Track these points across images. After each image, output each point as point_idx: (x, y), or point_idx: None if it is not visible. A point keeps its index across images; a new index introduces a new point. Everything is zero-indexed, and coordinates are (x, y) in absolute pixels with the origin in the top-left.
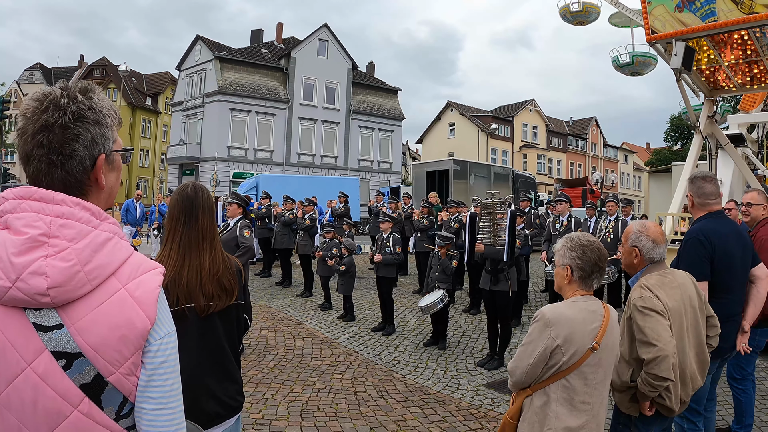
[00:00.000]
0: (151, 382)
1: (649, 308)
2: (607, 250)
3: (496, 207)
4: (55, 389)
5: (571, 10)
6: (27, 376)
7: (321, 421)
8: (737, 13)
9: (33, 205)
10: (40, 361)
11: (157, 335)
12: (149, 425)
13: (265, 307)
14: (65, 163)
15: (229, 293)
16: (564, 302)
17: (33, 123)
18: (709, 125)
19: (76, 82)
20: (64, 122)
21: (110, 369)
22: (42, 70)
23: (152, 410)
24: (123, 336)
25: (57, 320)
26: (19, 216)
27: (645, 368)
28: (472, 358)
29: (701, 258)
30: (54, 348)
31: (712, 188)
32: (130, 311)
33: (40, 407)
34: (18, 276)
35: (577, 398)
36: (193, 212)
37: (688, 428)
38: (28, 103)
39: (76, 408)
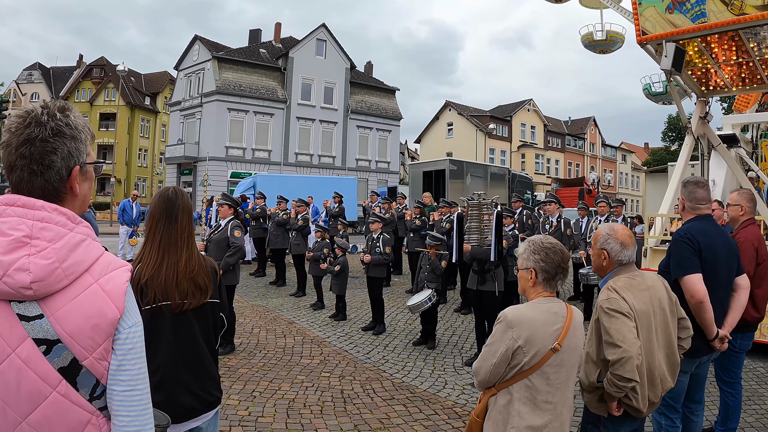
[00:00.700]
0: (121, 367)
1: (614, 310)
2: None
3: (483, 207)
4: (36, 372)
5: (595, 38)
6: (11, 360)
7: (306, 419)
8: (727, 14)
9: (17, 211)
10: (23, 348)
11: (126, 324)
12: (120, 405)
13: (258, 307)
14: (44, 173)
15: (203, 292)
16: (526, 304)
17: (17, 137)
18: (701, 126)
19: (55, 101)
20: (44, 137)
21: (85, 354)
22: (41, 70)
23: (122, 391)
24: (96, 325)
25: (38, 311)
26: (4, 220)
27: (610, 369)
28: (461, 357)
29: (690, 253)
30: (35, 335)
31: (704, 193)
32: (101, 303)
33: (23, 389)
34: (5, 272)
35: (540, 398)
36: (173, 213)
37: (665, 425)
38: (12, 120)
39: (54, 389)
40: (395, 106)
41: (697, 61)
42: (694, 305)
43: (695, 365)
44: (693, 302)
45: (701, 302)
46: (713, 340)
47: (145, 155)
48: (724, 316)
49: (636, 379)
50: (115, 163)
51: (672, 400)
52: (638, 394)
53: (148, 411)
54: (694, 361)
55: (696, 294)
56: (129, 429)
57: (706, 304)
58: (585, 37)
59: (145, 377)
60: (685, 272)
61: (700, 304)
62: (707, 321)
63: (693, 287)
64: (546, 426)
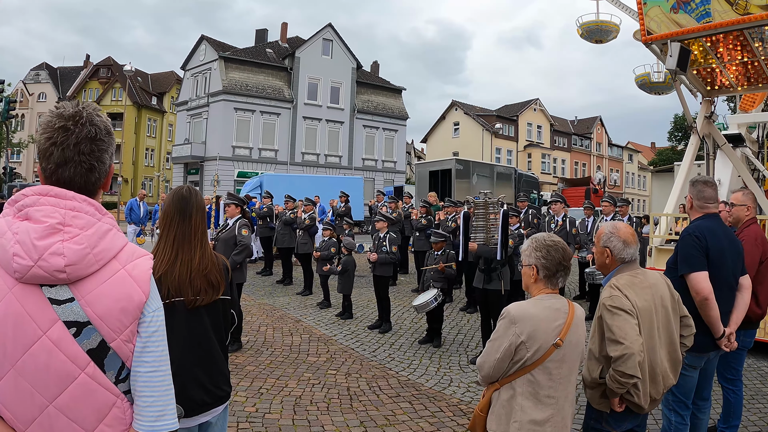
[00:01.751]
0: (145, 348)
1: (617, 307)
2: None
3: (489, 206)
4: (66, 353)
5: (652, 80)
6: (42, 342)
7: (313, 415)
8: (732, 14)
9: (50, 200)
10: (54, 330)
11: (150, 308)
12: (144, 386)
13: (265, 305)
14: (99, 169)
15: (215, 288)
16: (529, 300)
17: (75, 134)
18: (707, 125)
19: (88, 102)
20: (101, 136)
21: (113, 335)
22: (48, 70)
23: (147, 372)
24: (123, 308)
25: (69, 295)
26: (39, 208)
27: (612, 365)
28: (466, 355)
29: (696, 251)
30: (66, 318)
31: (712, 193)
32: (129, 287)
33: (53, 370)
34: (40, 256)
35: (542, 392)
36: (187, 211)
37: (675, 421)
38: (57, 117)
39: (83, 370)
40: (401, 105)
41: (702, 61)
42: (700, 302)
43: (704, 361)
44: (698, 299)
45: (706, 299)
46: (720, 338)
47: (152, 155)
48: (729, 314)
49: (638, 376)
50: (122, 162)
51: (683, 396)
52: (640, 390)
53: (170, 392)
54: (703, 356)
55: (701, 291)
56: (153, 409)
57: (711, 301)
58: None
59: (167, 359)
60: (692, 269)
61: (705, 301)
62: (713, 318)
63: (698, 284)
64: (548, 420)
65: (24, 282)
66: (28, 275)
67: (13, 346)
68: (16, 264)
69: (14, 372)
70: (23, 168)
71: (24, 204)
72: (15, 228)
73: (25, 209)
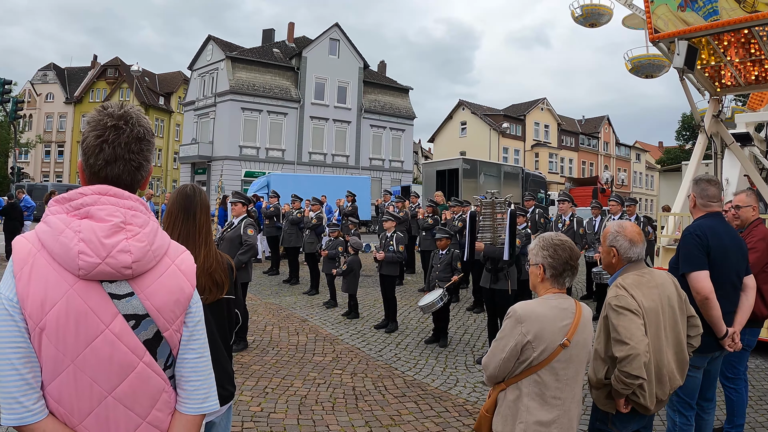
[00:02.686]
0: (192, 336)
1: (623, 307)
2: None
3: (496, 206)
4: (127, 345)
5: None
6: (105, 336)
7: (318, 415)
8: (740, 11)
9: (110, 200)
10: (116, 323)
11: (195, 299)
12: (191, 371)
13: (271, 305)
14: (144, 167)
15: (220, 287)
16: (536, 300)
17: (126, 134)
18: (714, 124)
19: (131, 104)
20: (147, 137)
21: (167, 326)
22: (55, 70)
23: (194, 359)
24: (177, 300)
25: (128, 289)
26: (101, 207)
27: (618, 366)
28: (472, 355)
29: (697, 249)
30: (125, 312)
31: (715, 191)
32: (180, 281)
33: (115, 361)
34: (108, 253)
35: (549, 393)
36: (191, 209)
37: (680, 422)
38: (108, 116)
39: (141, 360)
40: (408, 105)
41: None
42: (700, 301)
43: (707, 360)
44: (698, 298)
45: (706, 298)
46: (723, 338)
47: (160, 155)
48: (733, 314)
49: (643, 377)
50: None
51: (687, 396)
52: (645, 391)
53: (212, 377)
54: (706, 356)
55: (701, 290)
56: (199, 392)
57: (712, 300)
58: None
59: (208, 347)
60: (692, 268)
61: (705, 300)
62: (714, 318)
63: (699, 284)
64: (554, 421)
65: (87, 279)
66: (94, 272)
67: (75, 341)
68: (83, 261)
69: (74, 367)
70: (31, 168)
71: (83, 203)
72: (76, 226)
73: (86, 208)
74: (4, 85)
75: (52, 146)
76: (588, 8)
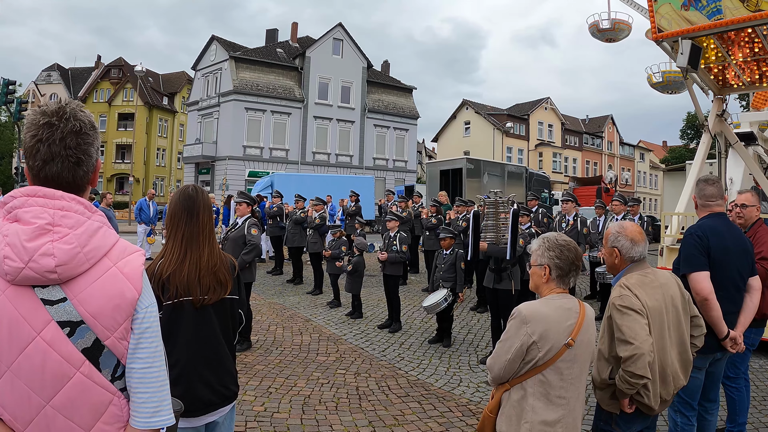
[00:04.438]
0: (139, 345)
1: (627, 307)
2: None
3: (500, 206)
4: (60, 353)
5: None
6: (37, 343)
7: (321, 414)
8: (743, 10)
9: (38, 201)
10: (47, 330)
11: (143, 304)
12: (139, 382)
13: (275, 304)
14: (85, 164)
15: (223, 286)
16: (540, 300)
17: (60, 129)
18: (718, 123)
19: (69, 100)
20: (86, 130)
21: (107, 333)
22: (59, 71)
23: (141, 369)
24: (117, 305)
25: (61, 295)
26: (27, 210)
27: (622, 366)
28: (476, 355)
29: (698, 250)
30: (59, 318)
31: (713, 190)
32: (121, 284)
33: (48, 370)
34: (30, 257)
35: (554, 393)
36: (194, 210)
37: (681, 422)
38: (42, 113)
39: (78, 370)
40: (412, 104)
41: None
42: (700, 302)
43: (709, 362)
44: (698, 299)
45: (706, 299)
46: (723, 339)
47: (163, 155)
48: (736, 315)
49: (648, 376)
50: (133, 162)
51: (688, 397)
52: (650, 391)
53: (165, 388)
54: (708, 357)
55: (701, 291)
56: (148, 405)
57: (712, 301)
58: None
59: (161, 355)
60: (692, 269)
61: (705, 301)
62: (714, 319)
63: (698, 284)
64: (559, 421)
65: (16, 284)
66: (20, 277)
67: (8, 348)
68: (7, 266)
69: (10, 373)
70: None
71: (13, 206)
72: (5, 230)
73: (14, 211)
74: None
75: None
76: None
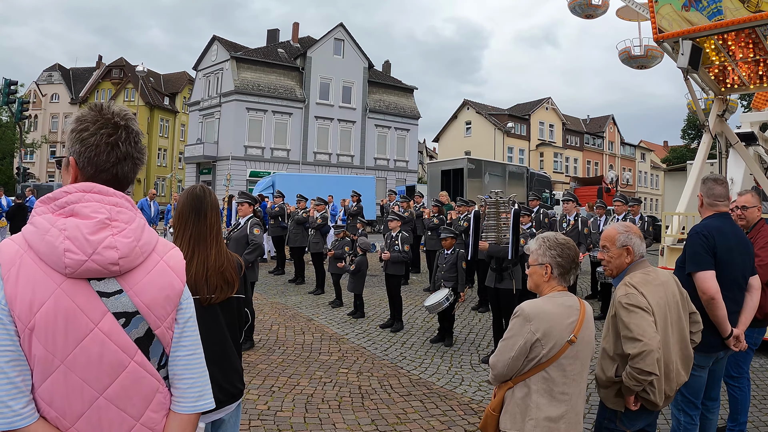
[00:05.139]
0: (183, 333)
1: (633, 305)
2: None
3: (501, 206)
4: (117, 343)
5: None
6: (95, 334)
7: (324, 413)
8: (744, 11)
9: (94, 197)
10: (105, 321)
11: (185, 295)
12: (183, 369)
13: (277, 304)
14: (141, 165)
15: (230, 286)
16: (542, 298)
17: (134, 132)
18: (719, 124)
19: (114, 102)
20: (141, 135)
21: (158, 323)
22: (60, 71)
23: (186, 356)
24: (167, 296)
25: (117, 287)
26: (86, 205)
27: (630, 363)
28: (478, 354)
29: (704, 249)
30: (115, 309)
31: (722, 190)
32: (169, 277)
33: (105, 360)
34: (94, 250)
35: (557, 389)
36: (202, 210)
37: (684, 421)
38: (114, 114)
39: (132, 359)
40: (413, 105)
41: (714, 59)
42: (706, 302)
43: (712, 361)
44: (704, 298)
45: (712, 298)
46: (727, 338)
47: (165, 155)
48: (738, 314)
49: (656, 373)
50: None
51: (692, 395)
52: (656, 387)
53: (206, 374)
54: (710, 356)
55: (707, 290)
56: (193, 390)
57: (718, 301)
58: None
59: (200, 344)
60: (698, 268)
61: (711, 300)
62: (720, 318)
63: (705, 284)
64: (563, 417)
65: (74, 277)
66: (81, 270)
67: (64, 341)
68: (69, 259)
69: (64, 367)
70: (36, 168)
71: (68, 200)
72: (60, 224)
73: (70, 205)
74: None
75: (58, 147)
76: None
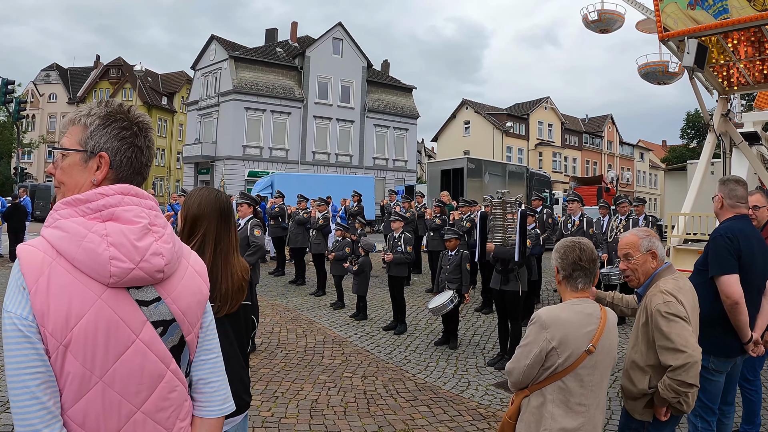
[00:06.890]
0: (207, 337)
1: (674, 314)
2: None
3: (507, 206)
4: (156, 354)
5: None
6: (136, 346)
7: (330, 419)
8: (750, 10)
9: (133, 200)
10: (145, 331)
11: (208, 300)
12: (210, 372)
13: (278, 306)
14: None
15: (243, 293)
16: (560, 305)
17: (151, 138)
18: (723, 123)
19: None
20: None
21: (190, 329)
22: (58, 71)
23: (212, 359)
24: (198, 301)
25: (155, 294)
26: (127, 208)
27: (671, 374)
28: (483, 357)
29: (728, 252)
30: (153, 318)
31: (744, 192)
32: (198, 281)
33: (146, 372)
34: (141, 257)
35: (573, 400)
36: (231, 220)
37: (701, 427)
38: (143, 116)
39: (168, 368)
40: (412, 104)
41: (719, 58)
42: (730, 306)
43: (730, 365)
44: (728, 303)
45: (737, 303)
46: (747, 343)
47: (163, 155)
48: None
49: (697, 384)
50: None
51: (710, 401)
52: (690, 398)
53: (226, 377)
54: (730, 361)
55: (732, 295)
56: (219, 393)
57: (742, 306)
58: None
59: (220, 347)
60: (723, 272)
61: (735, 305)
62: (742, 323)
63: (729, 288)
64: (579, 429)
65: (117, 286)
66: (126, 279)
67: (104, 355)
68: (115, 268)
69: (102, 384)
70: (34, 168)
71: (106, 203)
72: (101, 230)
73: (109, 209)
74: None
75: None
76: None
